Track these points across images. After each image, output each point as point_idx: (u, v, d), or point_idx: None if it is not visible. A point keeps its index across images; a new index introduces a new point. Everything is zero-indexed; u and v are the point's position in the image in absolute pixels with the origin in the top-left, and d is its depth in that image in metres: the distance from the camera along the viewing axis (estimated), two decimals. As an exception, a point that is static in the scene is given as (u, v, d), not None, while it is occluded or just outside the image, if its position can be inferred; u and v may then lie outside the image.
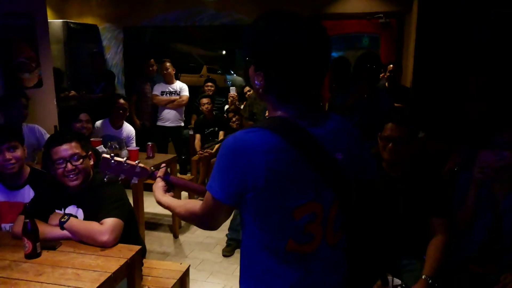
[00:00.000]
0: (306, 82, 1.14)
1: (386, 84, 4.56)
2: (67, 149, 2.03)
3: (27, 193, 2.31)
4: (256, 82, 1.16)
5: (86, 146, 2.16)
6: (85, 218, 2.05)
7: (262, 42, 1.13)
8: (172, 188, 1.53)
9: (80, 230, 1.95)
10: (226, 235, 3.66)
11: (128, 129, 4.14)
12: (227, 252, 3.61)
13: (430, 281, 1.94)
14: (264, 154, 1.07)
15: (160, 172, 1.55)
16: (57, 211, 2.07)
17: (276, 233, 1.16)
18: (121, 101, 4.03)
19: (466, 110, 3.77)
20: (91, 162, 2.15)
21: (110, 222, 1.93)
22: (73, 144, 2.06)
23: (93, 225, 1.95)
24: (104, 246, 1.91)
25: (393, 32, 5.53)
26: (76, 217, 2.04)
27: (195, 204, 1.26)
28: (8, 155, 2.21)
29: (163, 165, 1.60)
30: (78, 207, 2.09)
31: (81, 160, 2.05)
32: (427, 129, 3.09)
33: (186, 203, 1.34)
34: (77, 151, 2.06)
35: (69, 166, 2.02)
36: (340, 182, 1.18)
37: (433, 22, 4.22)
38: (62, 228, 1.96)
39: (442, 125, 3.45)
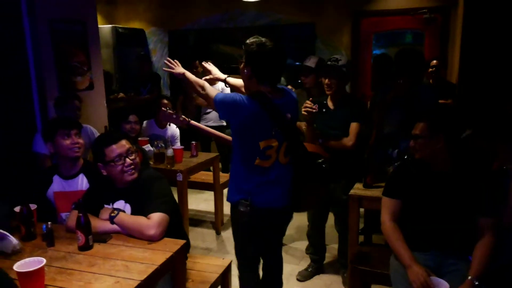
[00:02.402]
0: (272, 73, 2.10)
1: (431, 80, 4.44)
2: (122, 145, 2.13)
3: (81, 182, 2.45)
4: (245, 71, 2.11)
5: (133, 145, 2.27)
6: (133, 213, 2.14)
7: (252, 51, 2.06)
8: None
9: (128, 224, 2.04)
10: None
11: (172, 128, 4.26)
12: None
13: (477, 282, 1.89)
14: (246, 108, 2.03)
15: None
16: (106, 206, 2.18)
17: (249, 153, 2.12)
18: (164, 101, 4.16)
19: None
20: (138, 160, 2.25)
21: (156, 216, 2.00)
22: (125, 141, 2.17)
23: (140, 220, 2.03)
24: (151, 239, 1.98)
25: (438, 27, 5.36)
26: (124, 212, 2.14)
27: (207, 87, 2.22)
28: (76, 139, 2.40)
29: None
30: (126, 202, 2.18)
31: (135, 154, 2.17)
32: (475, 126, 2.98)
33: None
34: (129, 146, 2.16)
35: (128, 160, 2.12)
36: (288, 130, 2.16)
37: (480, 16, 4.05)
38: (112, 223, 2.06)
39: (490, 122, 3.31)
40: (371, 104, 3.80)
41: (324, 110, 2.76)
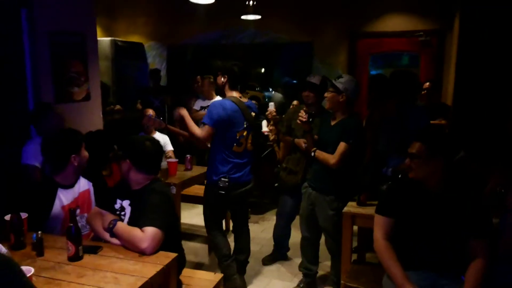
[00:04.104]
0: (240, 81, 3.05)
1: (424, 102, 4.48)
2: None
3: (80, 184, 2.52)
4: (222, 80, 3.04)
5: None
6: (131, 216, 2.18)
7: (229, 67, 3.02)
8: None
9: (123, 236, 2.05)
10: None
11: (160, 136, 4.29)
12: (268, 261, 3.85)
13: (469, 304, 1.88)
14: (228, 109, 2.91)
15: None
16: (118, 200, 2.27)
17: (230, 141, 2.96)
18: (150, 111, 4.27)
19: (508, 130, 3.63)
20: None
21: (150, 231, 2.00)
22: None
23: (135, 232, 2.02)
24: (143, 253, 1.97)
25: (434, 50, 5.45)
26: (122, 220, 2.16)
27: (198, 130, 2.95)
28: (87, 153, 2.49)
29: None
30: (130, 204, 2.22)
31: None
32: (468, 148, 3.00)
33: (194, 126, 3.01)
34: None
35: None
36: (254, 124, 3.11)
37: (475, 40, 4.13)
38: (112, 234, 2.09)
39: (484, 144, 3.33)
40: (366, 123, 3.83)
41: (311, 119, 2.96)
